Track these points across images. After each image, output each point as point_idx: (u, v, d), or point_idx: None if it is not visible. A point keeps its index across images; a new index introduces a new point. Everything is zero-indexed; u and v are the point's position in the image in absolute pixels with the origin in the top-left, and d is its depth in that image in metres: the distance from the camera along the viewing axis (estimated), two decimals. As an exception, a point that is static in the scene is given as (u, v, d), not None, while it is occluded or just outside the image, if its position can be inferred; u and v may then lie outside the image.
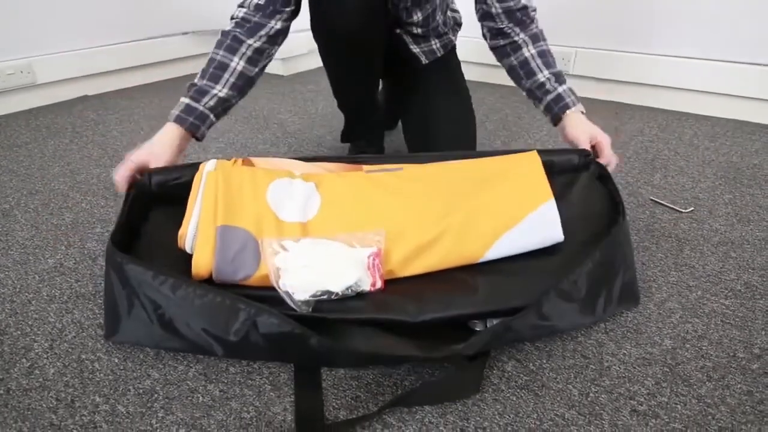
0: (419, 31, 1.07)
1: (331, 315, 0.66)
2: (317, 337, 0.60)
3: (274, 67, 2.16)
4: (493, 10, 0.95)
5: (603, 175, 0.88)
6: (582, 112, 0.96)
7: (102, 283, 0.82)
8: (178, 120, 0.86)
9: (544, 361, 0.67)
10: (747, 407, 0.60)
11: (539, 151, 0.88)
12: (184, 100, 0.88)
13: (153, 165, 0.80)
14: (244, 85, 0.91)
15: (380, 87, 1.27)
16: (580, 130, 0.93)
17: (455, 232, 0.73)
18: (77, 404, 0.61)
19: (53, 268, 0.88)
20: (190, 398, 0.62)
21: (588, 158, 0.91)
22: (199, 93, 0.87)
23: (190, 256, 0.69)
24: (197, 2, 2.12)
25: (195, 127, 0.87)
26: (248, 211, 0.72)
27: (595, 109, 1.67)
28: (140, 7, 1.97)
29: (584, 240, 0.78)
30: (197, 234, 0.70)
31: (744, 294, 0.79)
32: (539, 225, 0.76)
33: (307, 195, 0.76)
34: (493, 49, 1.02)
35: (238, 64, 0.89)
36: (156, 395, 0.63)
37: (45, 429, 0.58)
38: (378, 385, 0.64)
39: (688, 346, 0.69)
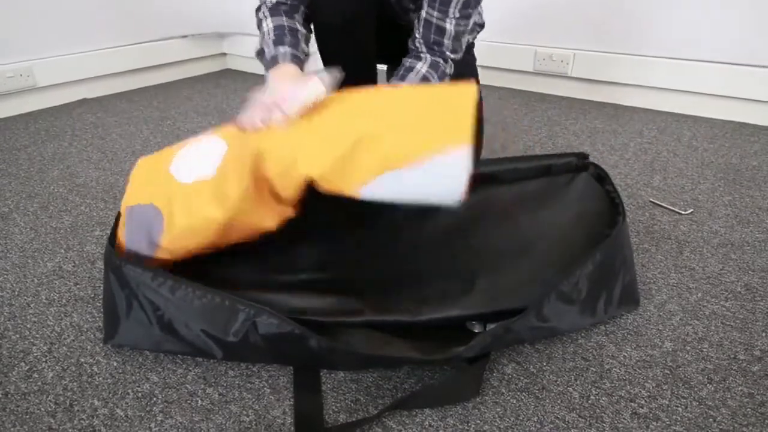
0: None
1: (329, 318, 0.66)
2: (317, 338, 0.60)
3: (273, 70, 2.17)
4: (425, 14, 0.90)
5: (601, 176, 0.88)
6: None
7: (101, 286, 0.82)
8: (294, 60, 0.86)
9: (545, 364, 0.67)
10: (748, 409, 0.60)
11: (538, 156, 0.88)
12: (286, 49, 0.87)
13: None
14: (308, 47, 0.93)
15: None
16: None
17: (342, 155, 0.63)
18: (76, 408, 0.61)
19: (52, 272, 0.87)
20: (189, 402, 0.62)
21: (586, 160, 0.91)
22: (294, 45, 0.88)
23: (188, 257, 0.70)
24: (196, 6, 2.13)
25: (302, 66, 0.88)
26: (155, 187, 0.72)
27: (594, 111, 1.67)
28: (140, 10, 1.98)
29: (583, 241, 0.77)
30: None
31: (744, 296, 0.79)
32: (440, 174, 0.61)
33: (211, 148, 0.72)
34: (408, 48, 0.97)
35: (302, 28, 0.93)
36: (155, 399, 0.62)
37: (43, 433, 0.58)
38: (378, 388, 0.64)
39: (688, 348, 0.69)
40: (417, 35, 0.92)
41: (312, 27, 0.98)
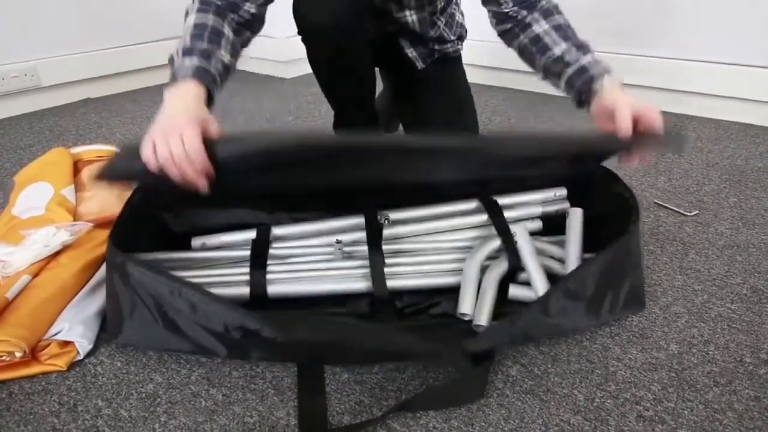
0: (417, 30, 1.01)
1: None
2: (317, 334, 0.60)
3: (277, 70, 2.17)
4: None
5: (614, 178, 0.87)
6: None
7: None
8: (197, 76, 0.69)
9: (549, 366, 0.66)
10: (755, 413, 0.60)
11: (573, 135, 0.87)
12: (192, 61, 0.71)
13: (212, 130, 0.64)
14: (234, 57, 0.79)
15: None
16: (621, 100, 0.73)
17: None
18: (80, 408, 0.61)
19: (56, 271, 0.87)
20: (192, 402, 0.62)
21: (599, 162, 0.90)
22: (206, 54, 0.72)
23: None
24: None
25: (212, 87, 0.71)
26: None
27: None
28: (144, 9, 1.98)
29: (595, 240, 0.77)
30: None
31: (750, 298, 0.79)
32: None
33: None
34: (501, 35, 0.90)
35: (229, 32, 0.78)
36: (158, 399, 0.62)
37: (47, 433, 0.58)
38: (382, 389, 0.63)
39: (694, 350, 0.69)
40: (506, 9, 0.85)
41: (247, 38, 0.85)
